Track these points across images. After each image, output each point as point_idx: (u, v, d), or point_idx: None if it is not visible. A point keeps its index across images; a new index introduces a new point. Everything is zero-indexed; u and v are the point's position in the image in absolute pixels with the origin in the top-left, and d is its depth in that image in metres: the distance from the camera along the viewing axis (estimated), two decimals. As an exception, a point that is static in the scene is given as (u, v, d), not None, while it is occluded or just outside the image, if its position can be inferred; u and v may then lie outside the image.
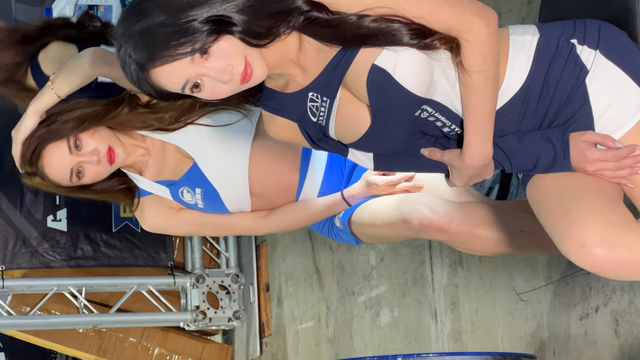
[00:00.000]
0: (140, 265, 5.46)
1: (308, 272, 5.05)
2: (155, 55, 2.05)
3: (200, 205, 3.00)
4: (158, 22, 2.04)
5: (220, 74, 2.07)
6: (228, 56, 2.06)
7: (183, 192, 3.00)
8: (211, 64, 2.06)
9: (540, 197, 2.17)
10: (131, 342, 5.60)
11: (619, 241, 2.01)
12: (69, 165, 2.90)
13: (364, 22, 2.07)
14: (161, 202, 3.02)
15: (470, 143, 2.15)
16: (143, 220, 3.04)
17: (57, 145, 2.89)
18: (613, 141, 2.13)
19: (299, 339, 5.14)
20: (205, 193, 2.97)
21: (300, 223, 3.05)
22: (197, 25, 2.03)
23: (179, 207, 3.03)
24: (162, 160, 3.01)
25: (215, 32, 2.04)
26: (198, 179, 2.97)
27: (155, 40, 2.04)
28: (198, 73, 2.07)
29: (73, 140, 2.90)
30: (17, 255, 5.24)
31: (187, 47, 2.04)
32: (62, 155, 2.90)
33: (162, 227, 3.07)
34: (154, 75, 2.08)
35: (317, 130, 2.25)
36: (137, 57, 2.07)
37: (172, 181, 3.00)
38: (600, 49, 2.15)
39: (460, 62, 2.09)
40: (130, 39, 2.07)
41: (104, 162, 2.91)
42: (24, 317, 5.27)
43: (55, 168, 2.91)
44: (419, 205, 2.82)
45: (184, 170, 2.99)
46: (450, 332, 3.85)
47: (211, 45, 2.05)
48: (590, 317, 3.12)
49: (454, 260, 3.84)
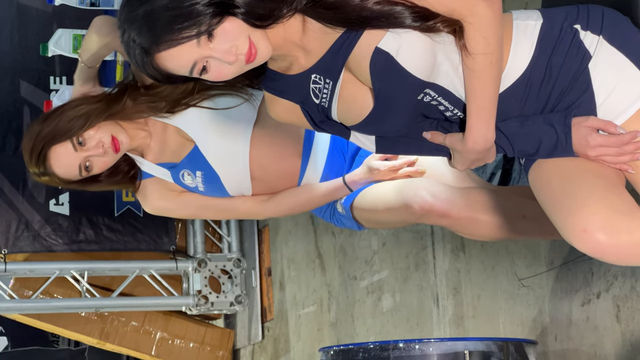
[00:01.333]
0: (142, 249, 5.47)
1: (310, 256, 5.06)
2: (159, 39, 2.05)
3: (200, 188, 3.00)
4: (161, 6, 2.04)
5: (225, 55, 2.08)
6: (232, 37, 2.07)
7: (184, 174, 3.01)
8: (216, 45, 2.07)
9: (542, 182, 2.16)
10: (133, 326, 5.61)
11: (620, 226, 2.01)
12: (77, 162, 2.94)
13: (367, 4, 2.06)
14: (162, 184, 3.03)
15: (473, 127, 2.14)
16: (145, 203, 3.06)
17: (62, 146, 2.92)
18: (615, 127, 2.12)
19: (301, 324, 5.15)
20: (205, 176, 2.98)
21: (301, 208, 3.05)
22: (200, 8, 2.03)
23: (181, 190, 3.03)
24: (163, 142, 3.02)
25: (218, 15, 2.04)
26: (199, 162, 2.97)
27: (159, 24, 2.04)
28: (204, 55, 2.08)
29: (76, 138, 2.93)
30: (20, 239, 5.24)
31: (192, 30, 2.04)
32: (68, 153, 2.93)
33: (164, 210, 3.08)
34: (159, 59, 2.08)
35: (319, 112, 2.25)
36: (141, 42, 2.07)
37: (173, 164, 3.01)
38: (603, 35, 2.14)
39: (464, 45, 2.09)
40: (133, 23, 2.07)
41: (110, 152, 2.95)
42: (27, 301, 5.28)
43: (63, 167, 2.95)
44: (421, 190, 2.82)
45: (184, 153, 3.00)
46: (452, 317, 3.85)
47: (215, 28, 2.05)
48: (591, 302, 3.12)
49: (455, 246, 3.84)
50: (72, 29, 4.71)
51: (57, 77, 5.27)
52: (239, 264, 5.67)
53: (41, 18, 5.22)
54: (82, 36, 4.59)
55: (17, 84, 5.29)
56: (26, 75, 5.29)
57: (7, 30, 5.29)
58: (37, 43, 4.81)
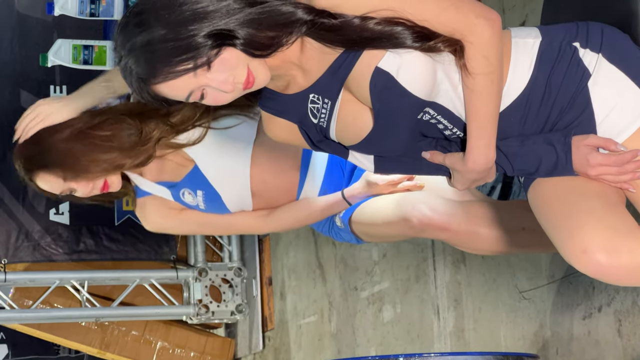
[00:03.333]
0: (142, 258, 5.46)
1: (311, 266, 5.05)
2: (157, 72, 2.04)
3: (201, 207, 2.99)
4: (159, 36, 2.02)
5: (222, 84, 2.07)
6: (230, 67, 2.05)
7: (184, 193, 2.99)
8: (213, 75, 2.05)
9: (542, 202, 2.15)
10: (134, 335, 5.60)
11: (621, 247, 2.00)
12: (61, 189, 2.93)
13: (367, 25, 2.05)
14: (162, 202, 3.01)
15: (474, 147, 2.13)
16: (145, 221, 3.05)
17: (54, 176, 2.89)
18: (615, 144, 2.11)
19: (301, 334, 5.14)
20: (206, 195, 2.97)
21: (300, 222, 3.04)
22: (199, 40, 2.02)
23: (180, 208, 3.02)
24: (162, 162, 3.01)
25: (217, 46, 2.03)
26: (199, 182, 2.96)
27: (156, 56, 2.03)
28: (201, 84, 2.07)
29: None
30: (20, 248, 5.24)
31: (189, 63, 2.03)
32: (55, 184, 2.91)
33: (164, 227, 3.08)
34: (156, 88, 2.07)
35: (317, 132, 2.24)
36: (138, 72, 2.06)
37: (173, 183, 3.00)
38: (602, 53, 2.13)
39: (464, 64, 2.08)
40: (131, 52, 2.05)
41: (96, 192, 2.93)
42: (27, 311, 5.27)
43: (48, 188, 2.94)
44: (419, 204, 2.81)
45: (184, 173, 2.98)
46: (452, 329, 3.84)
47: (214, 59, 2.04)
48: (593, 316, 3.11)
49: (456, 258, 3.83)
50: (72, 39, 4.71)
51: (57, 87, 5.27)
52: (239, 273, 5.66)
53: (41, 28, 5.21)
54: (82, 46, 4.59)
55: (17, 93, 5.28)
56: (26, 84, 5.28)
57: (7, 40, 5.28)
58: (37, 53, 4.80)
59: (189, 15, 2.02)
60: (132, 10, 2.08)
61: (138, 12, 2.06)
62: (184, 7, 2.03)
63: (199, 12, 2.02)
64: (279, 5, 2.05)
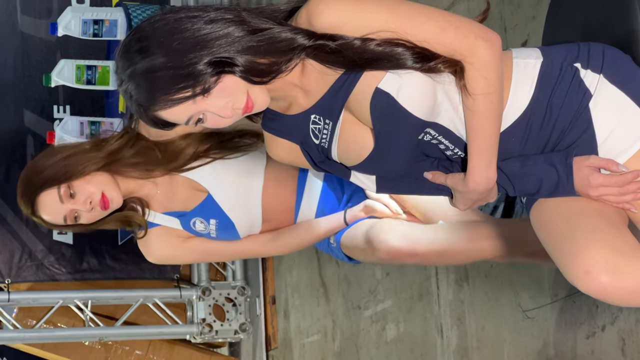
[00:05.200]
0: (146, 277, 5.46)
1: (314, 285, 5.04)
2: (156, 100, 2.05)
3: (213, 235, 2.97)
4: (160, 63, 2.03)
5: (221, 110, 2.07)
6: (229, 94, 2.06)
7: (195, 222, 2.97)
8: (212, 101, 2.06)
9: (543, 223, 2.15)
10: (137, 355, 5.59)
11: (624, 268, 1.99)
12: (62, 213, 2.89)
13: (368, 47, 2.06)
14: (169, 232, 2.98)
15: (474, 168, 2.13)
16: (148, 253, 3.01)
17: (49, 193, 2.87)
18: (617, 165, 2.11)
19: (305, 353, 5.13)
20: (220, 224, 2.95)
21: (304, 245, 3.05)
22: (199, 68, 2.02)
23: (187, 236, 2.99)
24: (171, 193, 2.97)
25: (217, 74, 2.04)
26: (213, 211, 2.94)
27: (157, 84, 2.04)
28: (200, 110, 2.07)
29: (65, 188, 2.87)
30: (23, 268, 5.24)
31: (188, 91, 2.04)
32: (54, 203, 2.88)
33: (169, 258, 3.04)
34: (156, 114, 2.08)
35: (319, 153, 2.24)
36: (138, 99, 2.07)
37: (183, 212, 2.98)
38: (604, 73, 2.13)
39: (464, 85, 2.08)
40: (131, 78, 2.06)
41: (97, 209, 2.89)
42: (30, 331, 5.27)
43: (49, 214, 2.91)
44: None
45: (196, 202, 2.96)
46: (456, 348, 3.83)
47: (213, 87, 2.04)
48: (596, 335, 3.10)
49: (459, 276, 3.83)
50: (75, 59, 4.73)
51: (60, 107, 5.28)
52: (243, 292, 5.65)
53: (45, 47, 5.23)
54: (85, 66, 4.61)
55: (20, 113, 5.29)
56: (30, 104, 5.29)
57: (10, 60, 5.30)
58: (40, 72, 4.83)
59: (189, 43, 2.03)
60: (134, 35, 2.08)
61: (139, 38, 2.07)
62: (185, 35, 2.03)
63: (199, 40, 2.03)
64: (279, 32, 2.06)
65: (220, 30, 2.04)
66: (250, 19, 2.07)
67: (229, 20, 2.05)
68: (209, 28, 2.04)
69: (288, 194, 3.01)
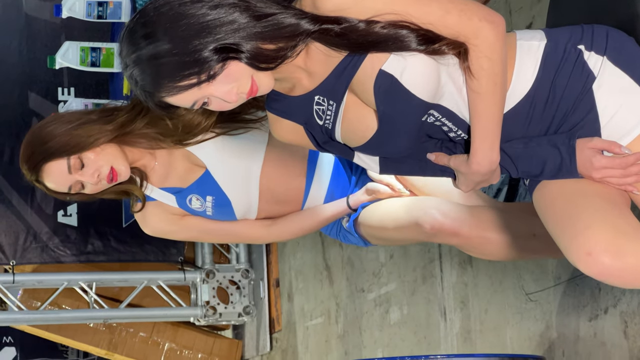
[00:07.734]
0: (150, 260, 5.47)
1: (318, 268, 5.05)
2: (162, 87, 2.06)
3: (208, 213, 2.97)
4: (165, 50, 2.03)
5: (226, 95, 2.08)
6: (234, 79, 2.07)
7: (192, 199, 2.96)
8: (217, 87, 2.07)
9: (546, 204, 2.16)
10: (141, 337, 5.61)
11: (626, 249, 2.00)
12: (68, 183, 2.87)
13: (373, 29, 2.06)
14: (164, 208, 2.97)
15: (478, 149, 2.14)
16: (144, 225, 3.00)
17: (58, 163, 2.84)
18: (620, 147, 2.11)
19: (308, 335, 5.15)
20: (216, 201, 2.94)
21: (305, 232, 3.03)
22: (205, 55, 2.03)
23: (183, 214, 2.99)
24: (169, 166, 2.97)
25: (222, 60, 2.04)
26: (210, 187, 2.94)
27: (162, 71, 2.04)
28: (205, 95, 2.08)
29: (75, 160, 2.84)
30: (28, 250, 5.26)
31: (194, 78, 2.04)
32: (61, 173, 2.85)
33: (164, 232, 3.03)
34: (162, 99, 2.09)
35: (323, 134, 2.25)
36: (143, 85, 2.08)
37: (179, 188, 2.97)
38: (607, 55, 2.14)
39: (468, 67, 2.08)
40: (136, 64, 2.07)
41: (103, 182, 2.88)
42: (35, 312, 5.29)
43: (55, 183, 2.88)
44: (431, 210, 2.80)
45: (193, 178, 2.96)
46: (459, 330, 3.84)
47: (219, 73, 2.05)
48: (599, 318, 3.11)
49: (463, 259, 3.83)
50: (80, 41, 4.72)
51: (65, 89, 5.29)
52: (247, 275, 5.67)
53: (49, 30, 5.23)
54: (90, 48, 4.61)
55: (25, 95, 5.30)
56: (34, 86, 5.30)
57: (15, 42, 5.30)
58: (45, 55, 4.82)
59: (194, 30, 2.03)
60: (138, 19, 2.08)
61: (144, 23, 2.06)
62: (191, 21, 2.03)
63: (204, 26, 2.03)
64: (284, 17, 2.06)
65: (225, 16, 2.04)
66: (254, 2, 2.07)
67: (233, 5, 2.05)
68: (214, 13, 2.04)
69: (295, 177, 2.99)
